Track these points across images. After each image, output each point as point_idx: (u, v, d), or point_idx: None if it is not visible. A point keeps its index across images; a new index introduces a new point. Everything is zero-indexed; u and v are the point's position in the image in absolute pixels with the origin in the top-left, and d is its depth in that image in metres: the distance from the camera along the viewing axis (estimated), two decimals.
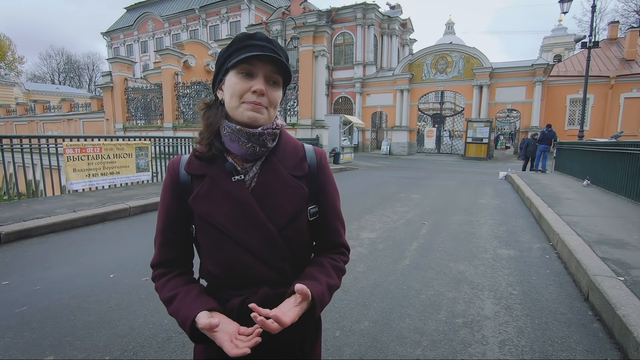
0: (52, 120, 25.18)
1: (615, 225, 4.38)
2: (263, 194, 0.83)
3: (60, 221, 4.48)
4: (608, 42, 23.11)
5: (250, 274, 0.81)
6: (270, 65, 0.79)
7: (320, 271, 0.85)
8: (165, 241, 0.86)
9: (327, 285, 0.82)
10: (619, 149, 6.64)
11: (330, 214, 0.92)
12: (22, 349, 2.03)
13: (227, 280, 0.83)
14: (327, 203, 0.91)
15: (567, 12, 13.51)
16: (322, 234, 0.92)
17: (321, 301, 0.79)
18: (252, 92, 0.78)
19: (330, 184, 0.93)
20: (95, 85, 51.36)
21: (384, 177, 11.08)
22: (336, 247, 0.93)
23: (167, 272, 0.85)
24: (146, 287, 2.85)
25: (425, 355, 2.04)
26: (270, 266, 0.82)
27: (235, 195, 0.81)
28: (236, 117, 0.81)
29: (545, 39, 44.13)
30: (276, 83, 0.82)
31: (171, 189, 0.85)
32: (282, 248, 0.82)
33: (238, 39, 0.82)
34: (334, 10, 25.09)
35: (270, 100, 0.81)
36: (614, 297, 2.36)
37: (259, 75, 0.79)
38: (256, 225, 0.81)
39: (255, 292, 0.80)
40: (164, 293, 0.82)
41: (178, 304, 0.79)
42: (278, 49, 0.82)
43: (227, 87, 0.82)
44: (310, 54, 14.12)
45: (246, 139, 0.80)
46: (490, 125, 19.48)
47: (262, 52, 0.78)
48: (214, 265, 0.83)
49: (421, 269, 3.37)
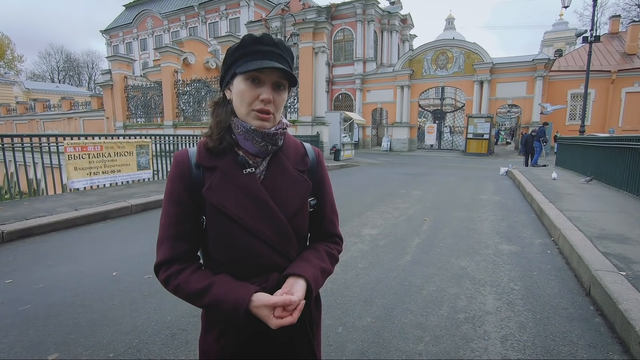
0: (52, 119, 25.19)
1: (617, 221, 4.37)
2: (272, 186, 0.88)
3: (62, 219, 4.49)
4: (609, 36, 22.99)
5: (262, 262, 0.86)
6: (278, 72, 0.83)
7: (315, 255, 0.92)
8: (177, 235, 0.85)
9: (321, 269, 0.89)
10: (620, 144, 6.62)
11: (327, 206, 1.00)
12: (27, 346, 2.04)
13: (238, 269, 0.85)
14: (325, 196, 0.99)
15: (568, 6, 13.43)
16: (319, 224, 0.99)
17: (315, 283, 0.86)
18: (260, 100, 0.82)
19: (327, 178, 1.02)
20: (95, 84, 51.36)
21: (384, 173, 11.07)
22: (331, 236, 1.01)
23: (185, 267, 0.84)
24: (149, 284, 2.86)
25: (427, 350, 2.05)
26: (281, 253, 0.87)
27: (248, 187, 0.85)
28: (246, 122, 0.86)
29: (546, 33, 43.97)
30: (282, 87, 0.86)
31: (182, 181, 0.86)
32: (291, 236, 0.88)
33: (246, 42, 0.84)
34: (334, 6, 24.96)
35: (277, 106, 0.86)
36: (615, 291, 2.36)
37: (266, 84, 0.83)
38: (268, 215, 0.85)
39: (267, 279, 0.85)
40: (192, 286, 0.81)
41: (220, 290, 0.80)
42: (285, 52, 0.86)
43: (235, 92, 0.85)
44: (310, 50, 14.08)
45: (260, 138, 0.86)
46: (491, 121, 19.43)
47: (269, 58, 0.82)
48: (226, 255, 0.85)
49: (423, 264, 3.38)
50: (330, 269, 0.93)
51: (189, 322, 2.30)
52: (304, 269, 0.85)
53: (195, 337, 2.12)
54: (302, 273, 0.84)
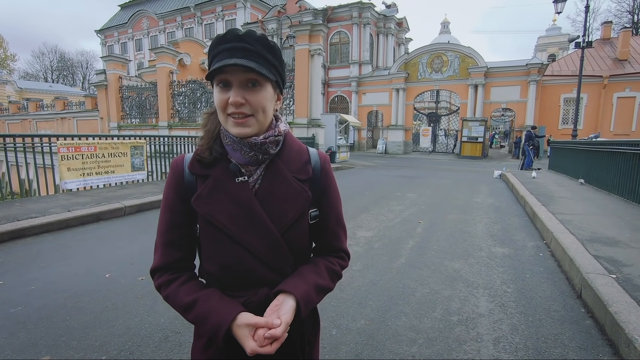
0: (45, 118, 24.91)
1: (608, 224, 4.43)
2: (267, 196, 0.82)
3: (54, 221, 4.45)
4: (601, 42, 23.33)
5: (250, 276, 0.81)
6: (243, 69, 0.74)
7: (312, 270, 0.85)
8: (169, 241, 0.83)
9: (315, 286, 0.82)
10: (611, 148, 6.71)
11: (331, 219, 0.92)
12: (18, 349, 2.02)
13: (227, 281, 0.82)
14: (329, 207, 0.91)
15: (561, 12, 13.60)
16: (322, 237, 0.92)
17: (306, 302, 0.79)
18: (230, 103, 0.76)
19: (333, 188, 0.93)
20: (89, 84, 50.93)
21: (379, 175, 11.11)
22: (335, 251, 0.93)
23: (175, 277, 0.82)
24: (142, 286, 2.84)
25: (420, 352, 2.06)
26: (271, 268, 0.82)
27: (238, 196, 0.81)
28: (227, 129, 0.80)
29: (539, 38, 44.49)
30: (257, 84, 0.76)
31: (175, 188, 0.84)
32: (283, 250, 0.82)
33: (212, 44, 0.78)
34: (330, 8, 25.07)
35: (254, 106, 0.76)
36: (606, 294, 2.39)
37: (233, 84, 0.76)
38: (258, 227, 0.80)
39: (255, 293, 0.81)
40: (179, 299, 0.79)
41: (204, 308, 0.77)
42: (253, 44, 0.75)
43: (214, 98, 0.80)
44: (306, 52, 14.11)
45: (249, 148, 0.80)
46: (485, 124, 19.60)
47: (231, 56, 0.73)
48: (215, 266, 0.82)
49: (417, 267, 3.40)
50: (328, 286, 0.86)
51: (182, 324, 2.29)
52: (295, 287, 0.79)
53: (189, 340, 2.11)
54: (291, 291, 0.78)
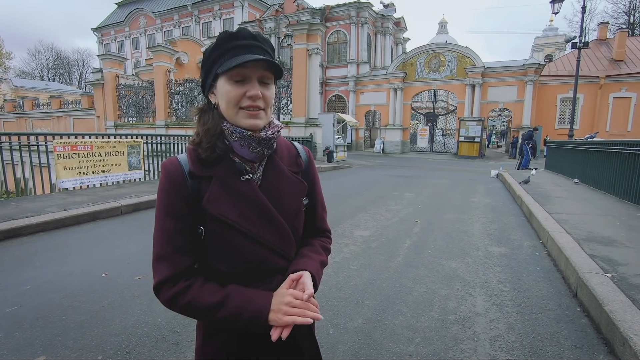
0: (41, 117, 24.78)
1: (604, 223, 4.46)
2: (271, 191, 0.87)
3: (50, 220, 4.42)
4: (598, 42, 23.49)
5: (264, 266, 0.86)
6: (262, 66, 0.79)
7: (313, 251, 0.96)
8: (178, 249, 0.81)
9: (320, 262, 0.94)
10: (607, 148, 6.76)
11: (319, 204, 1.02)
12: (14, 349, 2.01)
13: (240, 275, 0.84)
14: (316, 195, 1.01)
15: (557, 12, 13.67)
16: (312, 222, 1.01)
17: (318, 276, 0.90)
18: (248, 97, 0.79)
19: (317, 177, 1.04)
20: (85, 82, 50.63)
21: (377, 175, 11.12)
22: (322, 232, 1.04)
23: (191, 283, 0.80)
24: (139, 285, 2.83)
25: (417, 351, 2.07)
26: (283, 256, 0.89)
27: (247, 194, 0.84)
28: (236, 123, 0.82)
29: (536, 38, 44.63)
30: (269, 81, 0.83)
31: (178, 193, 0.81)
32: (291, 238, 0.90)
33: (222, 40, 0.80)
34: (328, 8, 25.04)
35: (267, 101, 0.82)
36: (601, 293, 2.41)
37: (252, 79, 0.80)
38: (270, 221, 0.85)
39: (271, 281, 0.86)
40: (204, 301, 0.78)
41: (237, 302, 0.79)
42: (264, 44, 0.82)
43: (221, 94, 0.81)
44: (303, 52, 14.10)
45: (257, 143, 0.84)
46: (483, 124, 19.66)
47: (250, 52, 0.79)
48: (227, 264, 0.84)
49: (414, 266, 3.41)
50: (326, 261, 0.99)
51: (179, 324, 2.29)
52: (306, 264, 0.88)
53: (186, 339, 2.10)
54: (306, 268, 0.86)
